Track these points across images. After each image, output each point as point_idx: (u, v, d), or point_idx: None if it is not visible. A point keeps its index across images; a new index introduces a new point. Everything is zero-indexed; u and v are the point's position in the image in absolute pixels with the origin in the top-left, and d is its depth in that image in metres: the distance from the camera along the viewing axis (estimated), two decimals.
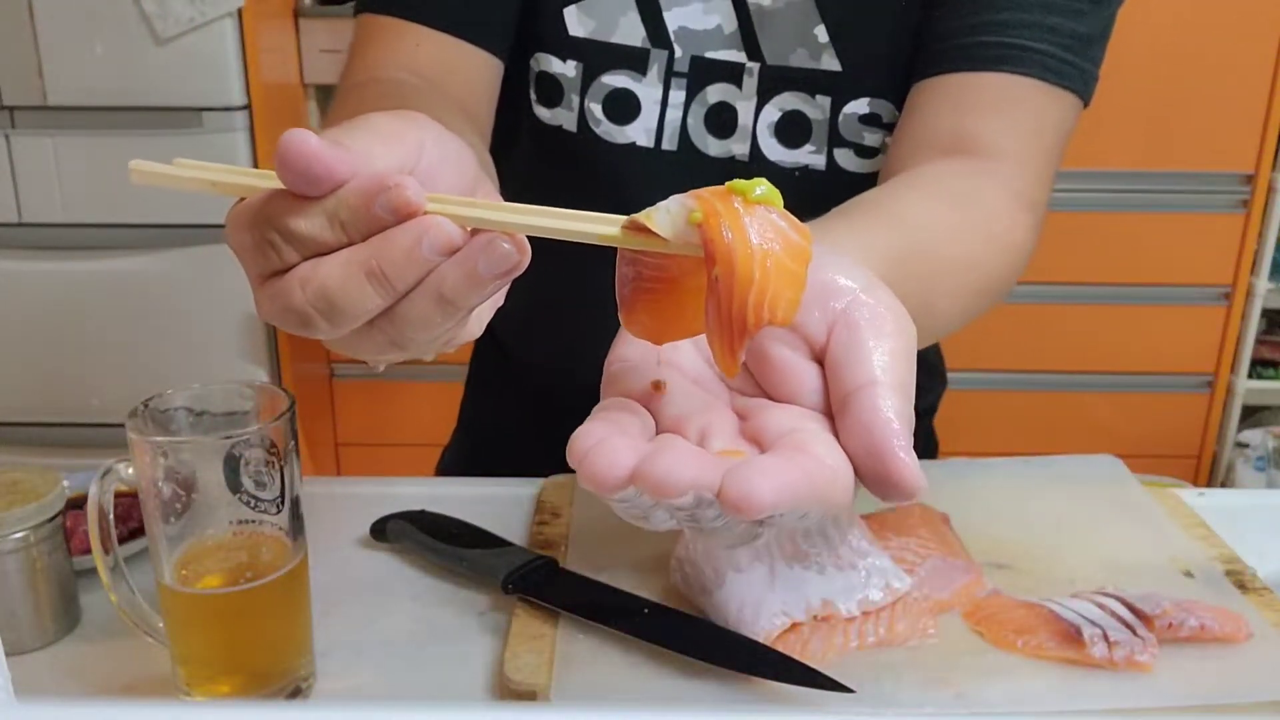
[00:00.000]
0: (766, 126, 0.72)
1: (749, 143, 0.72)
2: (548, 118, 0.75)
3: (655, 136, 0.73)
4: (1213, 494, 0.82)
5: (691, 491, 0.37)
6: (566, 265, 0.80)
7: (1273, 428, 2.28)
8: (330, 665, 0.62)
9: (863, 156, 0.73)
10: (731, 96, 0.71)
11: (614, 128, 0.73)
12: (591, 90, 0.72)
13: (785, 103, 0.71)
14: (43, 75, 1.81)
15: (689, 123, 0.72)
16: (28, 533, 0.62)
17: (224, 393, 0.60)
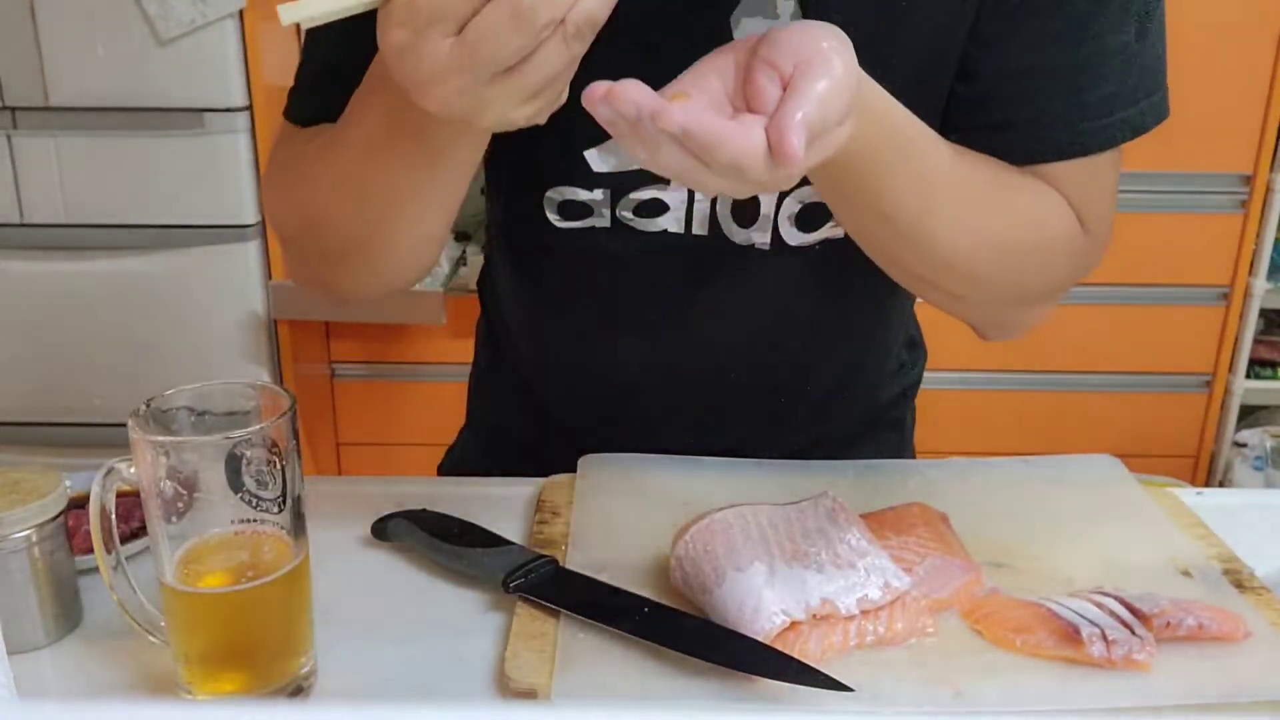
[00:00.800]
0: (787, 217, 0.76)
1: (769, 232, 0.76)
2: (574, 226, 0.78)
3: (685, 224, 0.76)
4: (1211, 494, 0.83)
5: (634, 106, 0.50)
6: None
7: (1270, 428, 2.28)
8: (331, 664, 0.62)
9: None
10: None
11: (646, 221, 0.77)
12: (621, 204, 0.76)
13: (805, 195, 0.75)
14: (45, 76, 1.81)
15: (718, 211, 0.76)
16: (30, 532, 0.62)
17: (226, 392, 0.60)
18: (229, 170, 1.86)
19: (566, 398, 0.89)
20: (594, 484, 0.80)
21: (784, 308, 0.81)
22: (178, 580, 0.57)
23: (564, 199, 0.76)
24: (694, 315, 0.81)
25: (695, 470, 0.82)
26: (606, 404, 0.86)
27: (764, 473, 0.82)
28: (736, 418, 0.86)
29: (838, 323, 0.84)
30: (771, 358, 0.84)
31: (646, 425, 0.85)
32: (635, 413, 0.86)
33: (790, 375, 0.85)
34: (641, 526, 0.73)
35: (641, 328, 0.82)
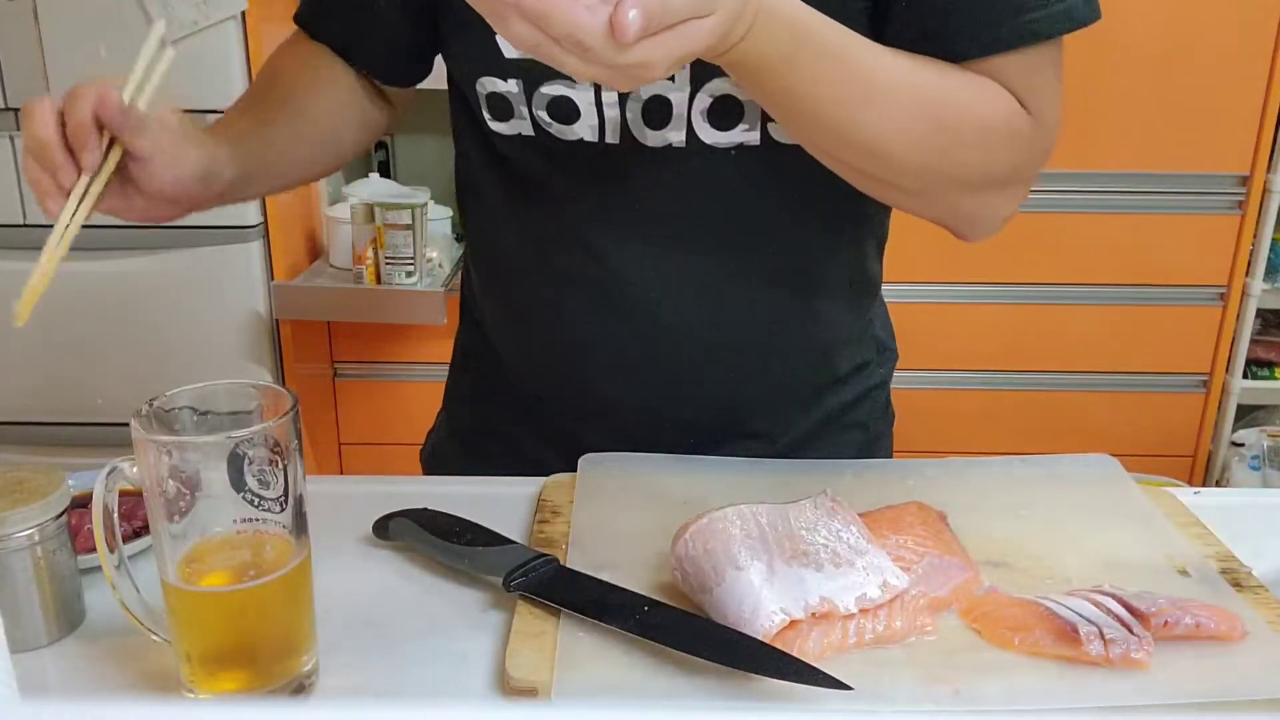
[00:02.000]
0: (700, 113, 0.76)
1: (684, 130, 0.77)
2: (504, 129, 0.81)
3: (598, 132, 0.78)
4: (1208, 493, 0.83)
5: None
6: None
7: (1268, 427, 2.28)
8: (333, 662, 0.63)
9: None
10: (664, 89, 0.75)
11: (563, 128, 0.79)
12: (534, 100, 0.78)
13: (716, 89, 0.75)
14: (47, 77, 1.82)
15: (628, 116, 0.77)
16: (33, 531, 0.63)
17: (228, 392, 0.61)
18: None
19: (521, 352, 0.90)
20: (594, 483, 0.80)
21: (711, 220, 0.81)
22: (180, 579, 0.57)
23: (489, 91, 0.79)
24: (624, 232, 0.81)
25: (695, 470, 0.82)
26: (561, 360, 0.87)
27: (764, 472, 0.82)
28: (687, 374, 0.85)
29: (771, 240, 0.83)
30: (706, 288, 0.83)
31: (600, 399, 0.86)
32: (587, 372, 0.86)
33: (732, 310, 0.84)
34: (641, 526, 0.73)
35: (579, 254, 0.82)
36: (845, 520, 0.67)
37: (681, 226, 0.81)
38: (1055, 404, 2.24)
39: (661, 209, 0.80)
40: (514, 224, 0.86)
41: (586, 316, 0.84)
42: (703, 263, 0.82)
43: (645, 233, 0.81)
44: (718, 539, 0.64)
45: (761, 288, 0.84)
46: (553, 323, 0.86)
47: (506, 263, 0.89)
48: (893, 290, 1.04)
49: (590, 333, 0.85)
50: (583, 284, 0.83)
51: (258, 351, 2.00)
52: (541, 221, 0.84)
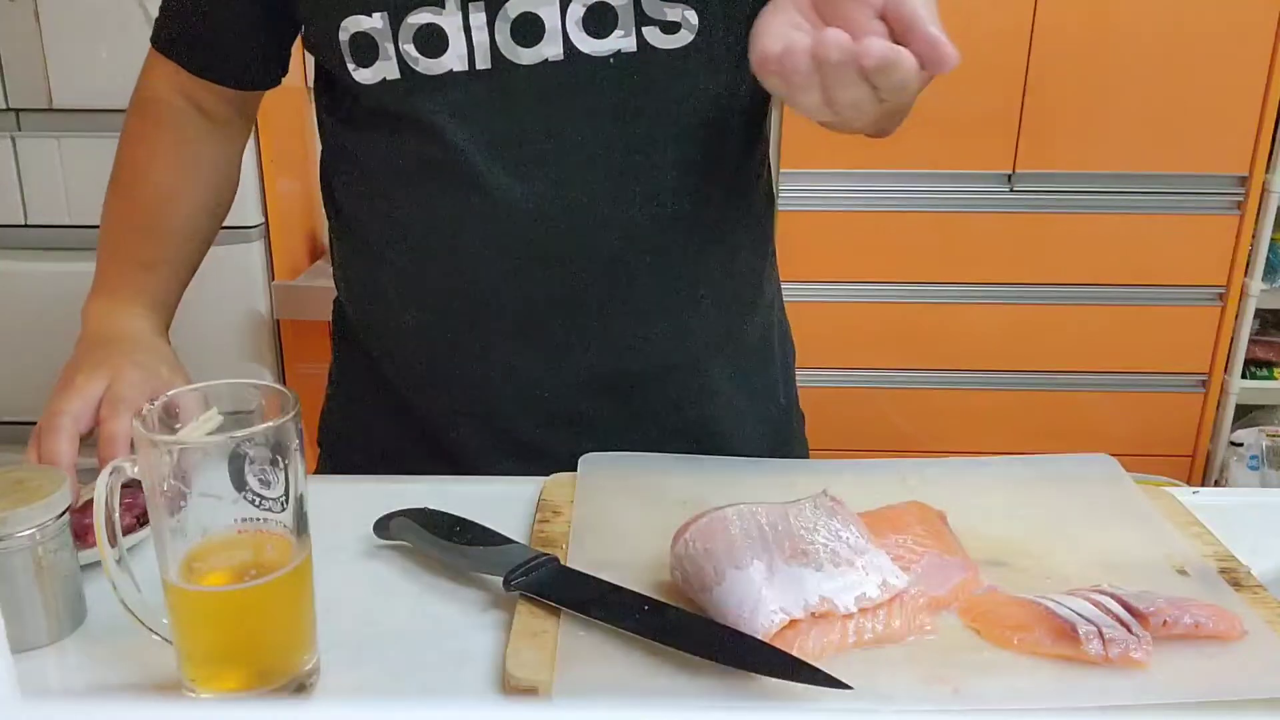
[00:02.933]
0: (574, 22, 0.76)
1: (560, 43, 0.76)
2: (370, 78, 0.79)
3: (468, 60, 0.77)
4: (1207, 493, 0.83)
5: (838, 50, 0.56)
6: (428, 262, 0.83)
7: (1266, 427, 2.29)
8: (334, 662, 0.63)
9: (668, 33, 0.77)
10: (533, 5, 0.75)
11: (431, 61, 0.77)
12: (401, 34, 0.77)
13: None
14: (48, 78, 1.82)
15: (497, 39, 0.76)
16: (33, 531, 0.63)
17: (229, 392, 0.61)
18: None
19: (417, 362, 0.88)
20: (595, 483, 0.80)
21: (596, 137, 0.79)
22: (181, 579, 0.57)
23: (351, 34, 0.78)
24: (509, 164, 0.79)
25: (695, 470, 0.82)
26: (463, 315, 0.85)
27: (763, 472, 0.82)
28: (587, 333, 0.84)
29: (664, 164, 0.81)
30: (602, 219, 0.81)
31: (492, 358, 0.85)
32: (478, 335, 0.85)
33: (628, 248, 0.82)
34: (641, 525, 0.73)
35: (459, 201, 0.80)
36: (845, 520, 0.67)
37: (567, 147, 0.79)
38: (1054, 404, 2.24)
39: (541, 130, 0.78)
40: (393, 185, 0.83)
41: (485, 260, 0.82)
42: (593, 185, 0.80)
43: (530, 159, 0.79)
44: (718, 539, 0.64)
45: (651, 209, 0.82)
46: (451, 273, 0.83)
47: (390, 228, 0.85)
48: (894, 290, 1.04)
49: (492, 278, 0.82)
50: (475, 225, 0.81)
51: (258, 351, 2.00)
52: (421, 170, 0.81)
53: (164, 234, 0.92)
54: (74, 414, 0.74)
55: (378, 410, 0.93)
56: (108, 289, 0.89)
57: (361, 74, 0.79)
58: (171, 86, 0.91)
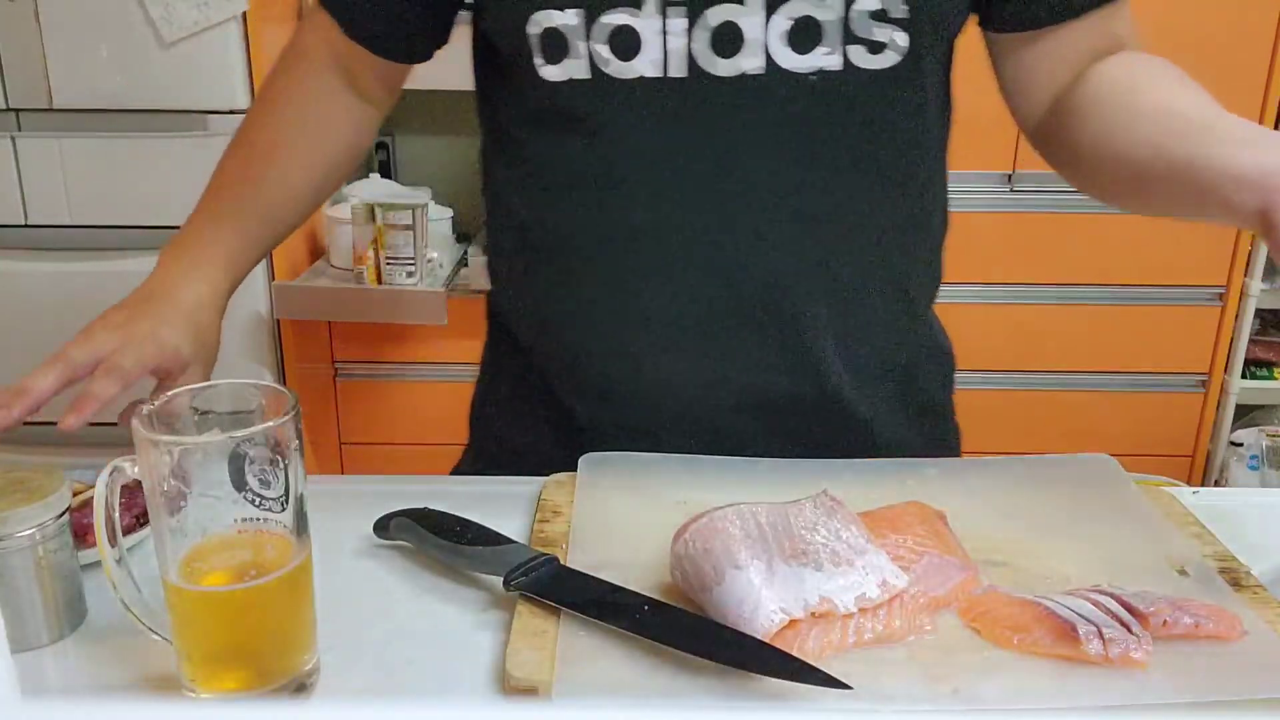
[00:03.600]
0: (778, 36, 0.73)
1: (762, 56, 0.73)
2: (557, 75, 0.77)
3: (662, 66, 0.74)
4: (1207, 493, 0.83)
5: None
6: (591, 269, 0.82)
7: (1266, 427, 2.29)
8: (334, 662, 0.63)
9: (874, 53, 0.74)
10: (735, 15, 0.73)
11: (622, 65, 0.75)
12: (594, 32, 0.74)
13: (794, 10, 0.73)
14: (49, 78, 1.82)
15: (694, 48, 0.74)
16: (33, 531, 0.63)
17: (229, 392, 0.61)
18: None
19: (569, 363, 0.86)
20: (594, 483, 0.80)
21: (791, 156, 0.77)
22: (181, 579, 0.57)
23: (543, 29, 0.75)
24: (691, 178, 0.77)
25: (695, 470, 0.82)
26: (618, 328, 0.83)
27: (763, 472, 0.82)
28: (748, 353, 0.82)
29: (852, 188, 0.79)
30: (781, 238, 0.79)
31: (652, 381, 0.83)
32: (644, 353, 0.82)
33: (801, 268, 0.80)
34: (641, 526, 0.73)
35: (631, 208, 0.79)
36: (845, 520, 0.67)
37: (755, 161, 0.77)
38: (1054, 404, 2.24)
39: (731, 145, 0.76)
40: (562, 185, 0.81)
41: (653, 277, 0.80)
42: (776, 201, 0.78)
43: (713, 172, 0.77)
44: (718, 539, 0.64)
45: (833, 230, 0.80)
46: (609, 280, 0.81)
47: (551, 227, 0.83)
48: None
49: (653, 291, 0.80)
50: (644, 235, 0.79)
51: (259, 351, 2.00)
52: (599, 176, 0.79)
53: (266, 193, 0.88)
54: (72, 360, 0.75)
55: (526, 402, 0.91)
56: (185, 240, 0.86)
57: (548, 70, 0.77)
58: (323, 42, 0.89)
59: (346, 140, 0.92)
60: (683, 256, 0.79)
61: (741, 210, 0.78)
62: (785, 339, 0.82)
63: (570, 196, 0.81)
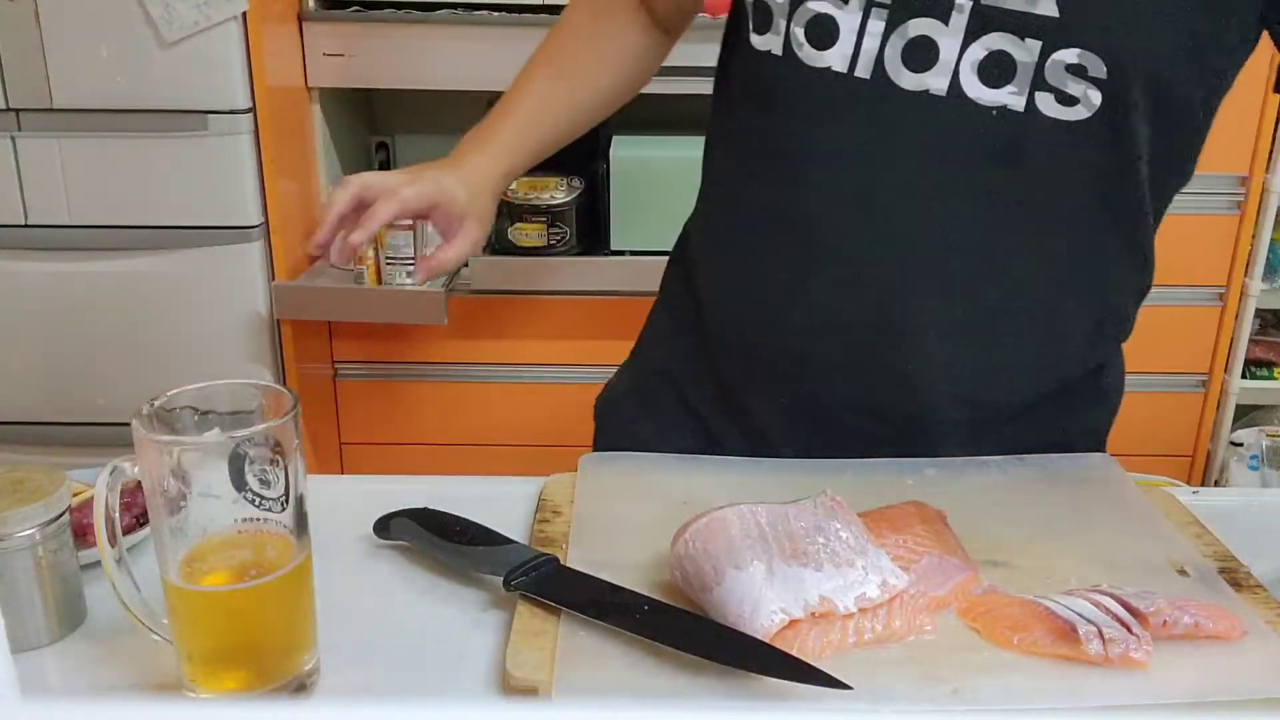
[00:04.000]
0: (970, 64, 0.73)
1: (948, 78, 0.74)
2: (759, 44, 0.80)
3: (850, 63, 0.75)
4: (1207, 493, 0.83)
5: None
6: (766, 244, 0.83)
7: (1266, 427, 2.28)
8: (334, 661, 0.63)
9: (1063, 104, 0.73)
10: (935, 32, 0.73)
11: (813, 51, 0.76)
12: (796, 15, 0.76)
13: (993, 43, 0.73)
14: (49, 78, 1.82)
15: (886, 53, 0.74)
16: (34, 531, 0.63)
17: (229, 392, 0.61)
18: (232, 172, 1.86)
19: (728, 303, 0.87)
20: (594, 483, 0.80)
21: (949, 182, 0.76)
22: (181, 579, 0.57)
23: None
24: (852, 179, 0.77)
25: (695, 469, 0.82)
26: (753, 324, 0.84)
27: (763, 472, 0.82)
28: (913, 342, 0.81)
29: (1003, 225, 0.78)
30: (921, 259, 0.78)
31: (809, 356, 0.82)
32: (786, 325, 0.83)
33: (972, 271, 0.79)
34: (641, 525, 0.73)
35: (809, 189, 0.79)
36: (845, 520, 0.67)
37: (919, 181, 0.76)
38: None
39: (901, 158, 0.76)
40: (753, 156, 0.83)
41: (794, 265, 0.81)
42: (932, 224, 0.77)
43: (876, 182, 0.77)
44: (718, 539, 0.64)
45: (991, 269, 0.79)
46: (761, 271, 0.83)
47: (733, 205, 0.86)
48: None
49: (794, 285, 0.81)
50: (796, 231, 0.80)
51: (258, 351, 2.00)
52: (778, 154, 0.80)
53: (557, 99, 0.96)
54: (362, 180, 0.85)
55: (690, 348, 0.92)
56: (479, 128, 0.95)
57: (755, 39, 0.80)
58: None
59: (639, 61, 0.98)
60: (832, 252, 0.80)
61: (891, 219, 0.78)
62: (901, 351, 0.81)
63: (757, 168, 0.83)
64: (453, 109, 2.32)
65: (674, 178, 1.96)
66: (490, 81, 2.04)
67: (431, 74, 2.02)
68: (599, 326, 2.12)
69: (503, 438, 2.16)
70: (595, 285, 2.05)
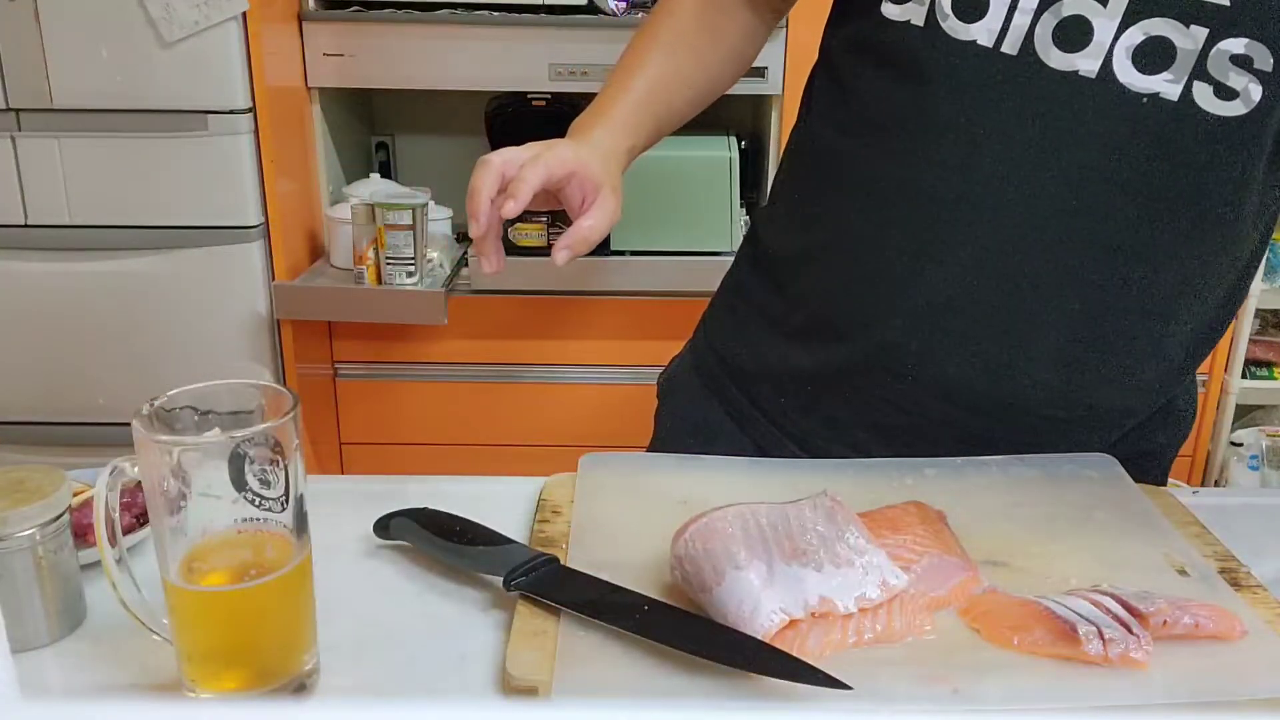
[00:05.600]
0: (1125, 48, 0.71)
1: (1100, 60, 0.71)
2: (896, 14, 0.77)
3: (997, 37, 0.73)
4: (1207, 493, 0.83)
5: None
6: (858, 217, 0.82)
7: (1266, 427, 2.28)
8: (334, 662, 0.63)
9: (1221, 97, 0.70)
10: (1091, 12, 0.71)
11: (959, 24, 0.74)
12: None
13: (1153, 27, 0.70)
14: (48, 78, 1.82)
15: (1036, 30, 0.72)
16: (33, 531, 0.63)
17: (229, 392, 0.61)
18: (232, 172, 1.86)
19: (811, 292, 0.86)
20: (595, 483, 0.80)
21: (1093, 168, 0.73)
22: (181, 579, 0.57)
23: None
24: (992, 155, 0.75)
25: (695, 469, 0.82)
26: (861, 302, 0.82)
27: (763, 472, 0.82)
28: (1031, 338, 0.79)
29: (1138, 217, 0.75)
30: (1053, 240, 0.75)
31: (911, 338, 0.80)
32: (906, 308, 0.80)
33: (1099, 266, 0.76)
34: (641, 526, 0.73)
35: (941, 167, 0.77)
36: (845, 520, 0.67)
37: (1058, 165, 0.74)
38: None
39: (1041, 141, 0.73)
40: (880, 123, 0.80)
41: (913, 248, 0.78)
42: (1065, 214, 0.74)
43: (1013, 161, 0.74)
44: (718, 539, 0.64)
45: (1118, 265, 0.76)
46: (872, 252, 0.81)
47: (863, 163, 0.81)
48: None
49: (912, 267, 0.79)
50: (923, 209, 0.77)
51: (258, 351, 2.00)
52: (915, 122, 0.77)
53: (663, 85, 0.92)
54: (504, 156, 0.81)
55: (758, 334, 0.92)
56: (591, 110, 0.90)
57: (889, 8, 0.77)
58: None
59: (749, 39, 0.96)
60: (967, 228, 0.77)
61: (1023, 205, 0.75)
62: (1010, 338, 0.79)
63: (886, 135, 0.80)
64: (453, 109, 2.32)
65: (674, 178, 1.97)
66: (490, 81, 2.05)
67: (431, 74, 2.02)
68: (599, 326, 2.12)
69: (503, 438, 2.17)
70: (596, 285, 2.05)
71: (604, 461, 0.83)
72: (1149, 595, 0.64)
